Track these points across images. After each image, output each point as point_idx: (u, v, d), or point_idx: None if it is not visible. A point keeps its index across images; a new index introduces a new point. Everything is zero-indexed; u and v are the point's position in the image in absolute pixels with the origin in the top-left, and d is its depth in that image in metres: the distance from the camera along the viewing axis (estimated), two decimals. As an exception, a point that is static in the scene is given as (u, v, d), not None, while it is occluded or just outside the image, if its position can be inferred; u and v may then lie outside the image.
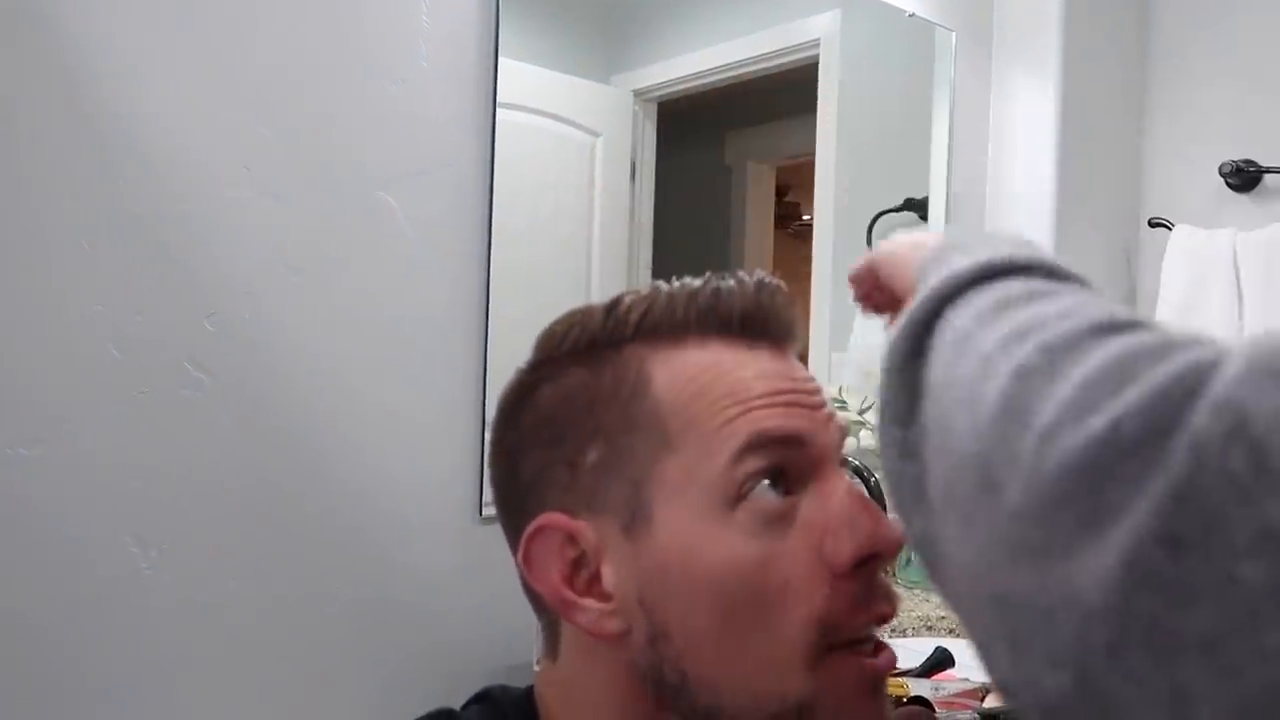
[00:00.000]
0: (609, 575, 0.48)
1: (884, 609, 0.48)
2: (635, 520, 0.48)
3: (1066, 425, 0.27)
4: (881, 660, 0.48)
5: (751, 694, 0.46)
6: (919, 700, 0.85)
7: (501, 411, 0.54)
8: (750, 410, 0.48)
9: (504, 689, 0.56)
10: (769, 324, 0.52)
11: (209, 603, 0.89)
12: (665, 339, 0.50)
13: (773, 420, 0.48)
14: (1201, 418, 0.24)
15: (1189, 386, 0.25)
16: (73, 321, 0.82)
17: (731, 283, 0.51)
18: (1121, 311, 0.32)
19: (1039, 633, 0.26)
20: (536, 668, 1.00)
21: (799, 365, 0.53)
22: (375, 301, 0.99)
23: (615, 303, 0.52)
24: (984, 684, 0.95)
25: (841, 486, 0.49)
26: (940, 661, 1.02)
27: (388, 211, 0.99)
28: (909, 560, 1.45)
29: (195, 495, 0.88)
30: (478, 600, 1.05)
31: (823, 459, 0.49)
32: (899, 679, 0.93)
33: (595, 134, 1.30)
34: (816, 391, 0.52)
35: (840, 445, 0.51)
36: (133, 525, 0.85)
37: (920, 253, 0.46)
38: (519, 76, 1.12)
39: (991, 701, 0.91)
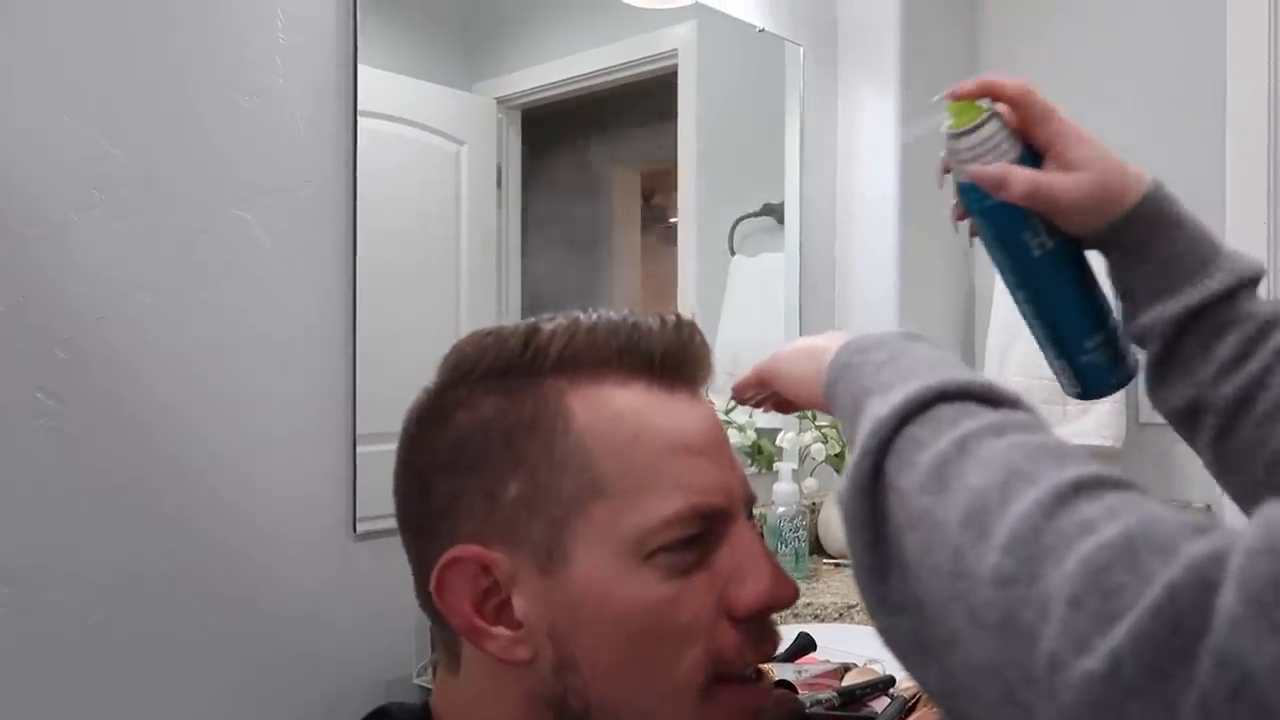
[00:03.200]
0: (520, 604, 0.50)
1: (768, 650, 0.52)
2: (552, 557, 0.49)
3: (1069, 656, 0.28)
4: (763, 688, 0.53)
5: None
6: (783, 684, 0.90)
7: (410, 433, 0.54)
8: (685, 477, 0.50)
9: (400, 706, 0.57)
10: (687, 366, 0.54)
11: (74, 635, 0.86)
12: (585, 374, 0.51)
13: (703, 495, 0.50)
14: (1205, 676, 0.25)
15: (1185, 626, 0.26)
16: (-94, 353, 0.78)
17: (651, 321, 0.53)
18: (1043, 463, 0.34)
19: None
20: (417, 680, 1.01)
21: (712, 409, 0.55)
22: (236, 320, 0.97)
23: (533, 331, 0.52)
24: (842, 665, 1.01)
25: (748, 538, 0.52)
26: (803, 646, 1.08)
27: (246, 229, 0.98)
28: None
29: (55, 527, 0.85)
30: (353, 616, 1.05)
31: (736, 515, 0.52)
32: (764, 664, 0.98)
33: (460, 142, 1.30)
34: (728, 440, 0.54)
35: (749, 499, 0.54)
36: (-18, 563, 0.81)
37: (816, 362, 0.50)
38: (380, 85, 1.11)
39: (850, 679, 0.98)
